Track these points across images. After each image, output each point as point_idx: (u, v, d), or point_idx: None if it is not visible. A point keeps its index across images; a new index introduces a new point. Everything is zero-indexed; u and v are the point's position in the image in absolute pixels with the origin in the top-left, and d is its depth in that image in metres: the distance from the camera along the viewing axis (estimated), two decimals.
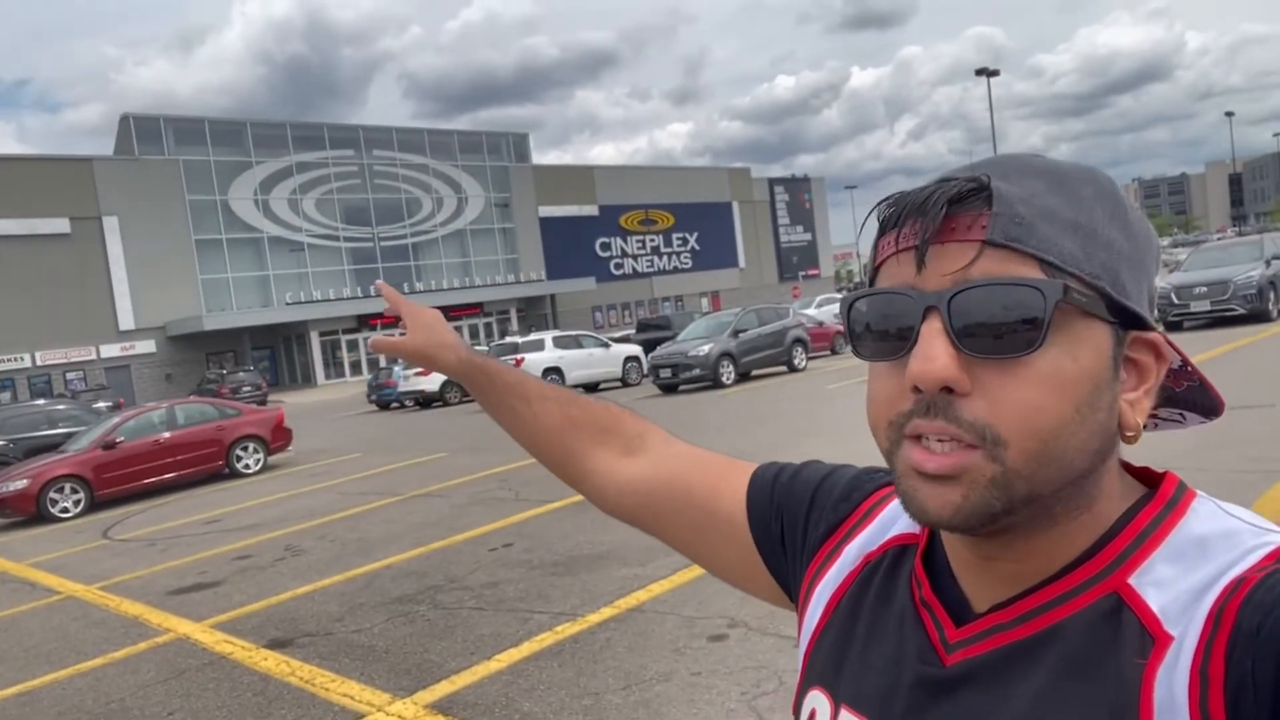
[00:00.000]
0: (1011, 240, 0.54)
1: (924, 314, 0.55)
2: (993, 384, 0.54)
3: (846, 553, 0.74)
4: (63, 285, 37.60)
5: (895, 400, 0.57)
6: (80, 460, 12.50)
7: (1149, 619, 0.53)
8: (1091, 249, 0.55)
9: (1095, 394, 0.55)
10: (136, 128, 41.46)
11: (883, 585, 0.69)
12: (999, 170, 0.57)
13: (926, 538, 0.68)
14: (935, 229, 0.55)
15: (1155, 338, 0.59)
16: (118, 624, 6.30)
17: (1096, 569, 0.57)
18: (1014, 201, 0.55)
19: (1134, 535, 0.57)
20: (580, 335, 22.55)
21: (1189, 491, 0.59)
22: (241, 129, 44.27)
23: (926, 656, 0.62)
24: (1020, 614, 0.58)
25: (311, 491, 11.33)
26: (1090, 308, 0.55)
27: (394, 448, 14.79)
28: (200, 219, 41.93)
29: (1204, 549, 0.54)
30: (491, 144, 52.31)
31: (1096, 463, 0.57)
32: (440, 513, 8.63)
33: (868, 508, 0.76)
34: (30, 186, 37.44)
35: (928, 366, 0.53)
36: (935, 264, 0.55)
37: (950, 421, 0.54)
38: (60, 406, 18.21)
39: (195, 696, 4.67)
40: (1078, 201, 0.56)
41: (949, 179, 0.56)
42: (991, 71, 39.20)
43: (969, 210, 0.55)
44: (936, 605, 0.63)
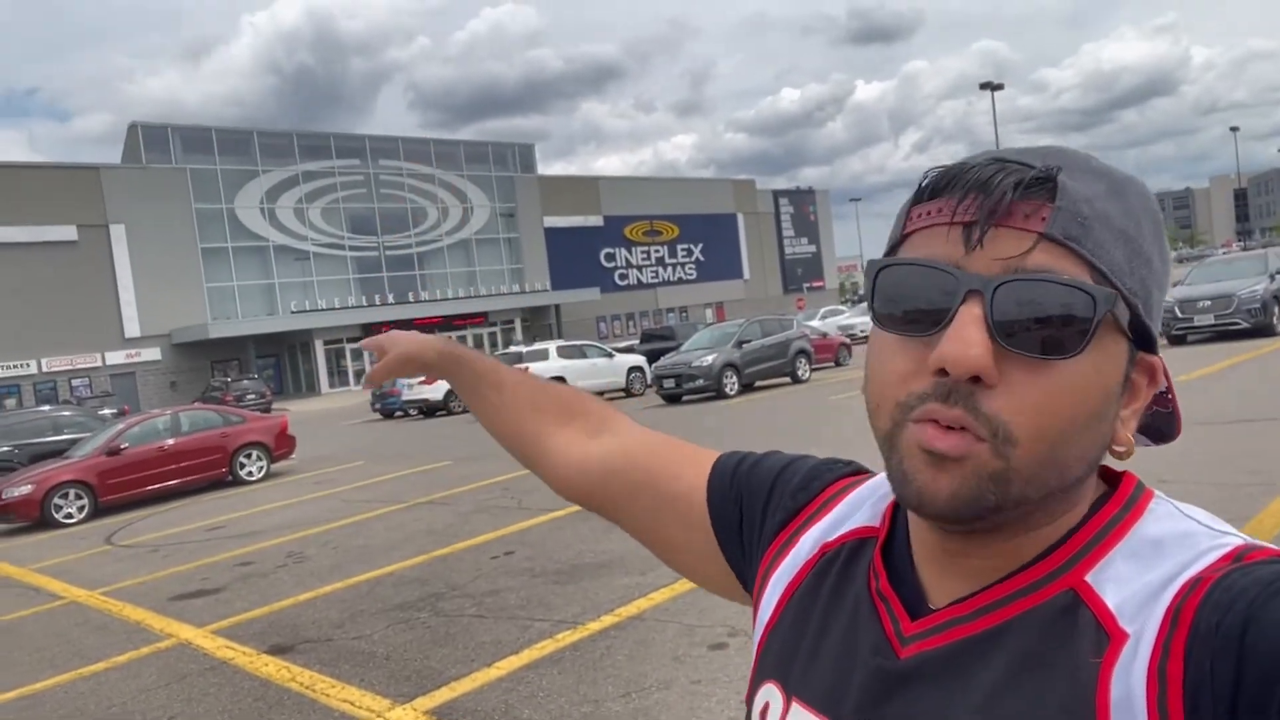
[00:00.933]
0: (1070, 239, 0.52)
1: (965, 296, 0.52)
2: (1018, 381, 0.52)
3: (802, 542, 0.72)
4: (69, 292, 37.78)
5: (909, 379, 0.54)
6: (85, 466, 12.54)
7: (1105, 616, 0.53)
8: (1135, 264, 0.55)
9: (1105, 407, 0.55)
10: (144, 136, 41.73)
11: (839, 577, 0.68)
12: (1063, 162, 0.54)
13: (887, 530, 0.67)
14: (1000, 210, 0.52)
15: (1155, 361, 0.59)
16: (120, 629, 6.32)
17: (1054, 565, 0.56)
18: (1078, 200, 0.53)
19: (1092, 533, 0.56)
20: (584, 345, 22.58)
21: (1147, 491, 0.59)
22: (248, 138, 44.52)
23: (881, 649, 0.61)
24: (977, 608, 0.57)
25: (314, 499, 11.35)
26: (1121, 321, 0.54)
27: (397, 456, 14.81)
28: (206, 227, 42.13)
29: (1160, 548, 0.54)
30: (497, 154, 52.52)
31: (1088, 473, 0.57)
32: (443, 521, 8.65)
33: (826, 497, 0.74)
34: (38, 194, 37.67)
35: (966, 352, 0.51)
36: (987, 247, 0.53)
37: (969, 411, 0.52)
38: (65, 413, 18.26)
39: (196, 701, 4.68)
40: (1130, 212, 0.55)
41: (1009, 160, 0.54)
42: (996, 85, 39.34)
43: (1032, 198, 0.53)
44: (893, 598, 0.62)
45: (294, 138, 45.89)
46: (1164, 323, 15.67)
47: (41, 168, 40.05)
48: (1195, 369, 12.00)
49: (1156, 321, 0.57)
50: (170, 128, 42.97)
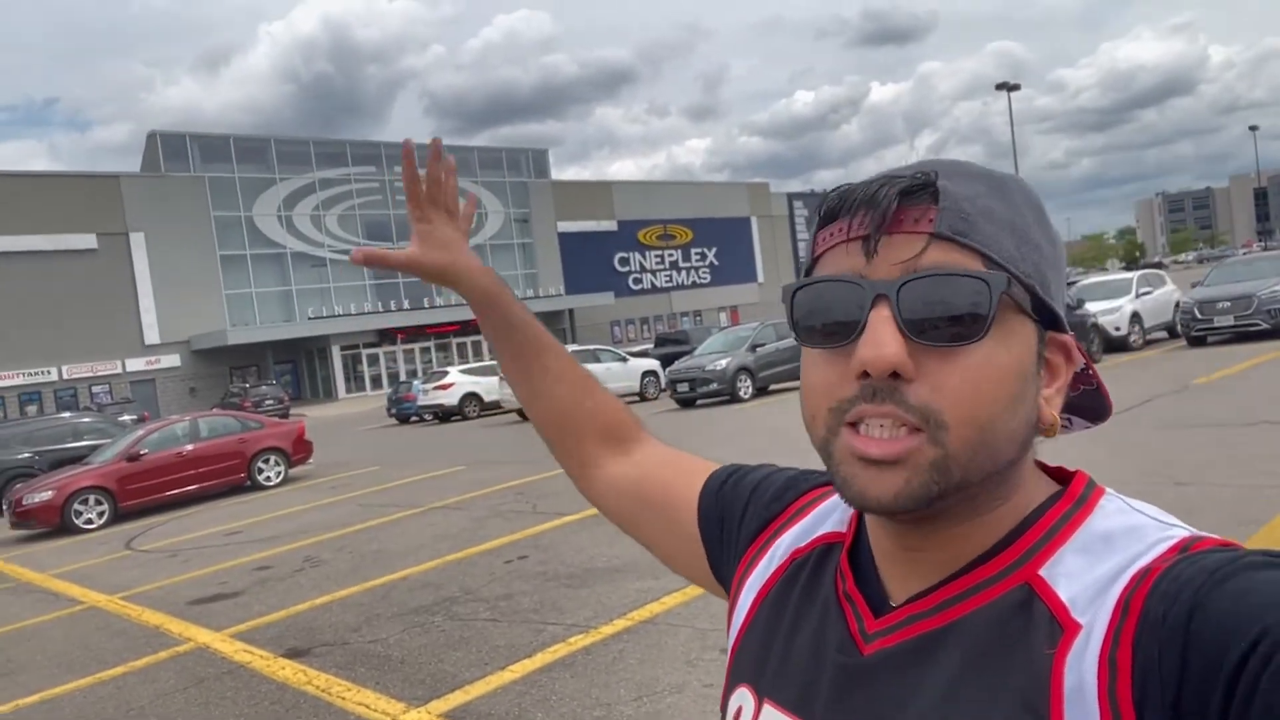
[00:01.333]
0: (958, 234, 0.57)
1: (873, 301, 0.56)
2: (935, 370, 0.56)
3: (774, 549, 0.75)
4: (89, 300, 38.19)
5: (836, 387, 0.58)
6: (104, 472, 12.67)
7: (1058, 608, 0.55)
8: (1025, 250, 0.58)
9: (1024, 386, 0.58)
10: (163, 145, 42.13)
11: (808, 581, 0.70)
12: (942, 170, 0.59)
13: (853, 535, 0.70)
14: (888, 219, 0.57)
15: (1067, 339, 0.62)
16: (139, 633, 6.38)
17: (1009, 560, 0.59)
18: (959, 199, 0.57)
19: (1045, 529, 0.59)
20: (598, 349, 22.62)
21: (1098, 489, 0.61)
22: (266, 146, 44.88)
23: (845, 648, 0.63)
24: (935, 604, 0.60)
25: (331, 504, 11.42)
26: (1023, 304, 0.58)
27: (413, 461, 14.88)
28: (225, 235, 42.49)
29: (1110, 542, 0.56)
30: (511, 160, 52.70)
31: (1021, 453, 0.60)
32: (458, 525, 8.68)
33: (799, 506, 0.77)
34: (59, 203, 38.11)
35: (880, 352, 0.55)
36: (884, 254, 0.57)
37: (898, 405, 0.55)
38: (86, 419, 18.45)
39: (214, 705, 4.73)
40: (1012, 205, 0.59)
41: (895, 175, 0.59)
42: (1012, 86, 39.13)
43: (916, 204, 0.57)
44: (858, 598, 0.65)
45: (311, 145, 46.23)
46: (1183, 324, 15.80)
47: (62, 177, 40.51)
48: (1215, 370, 11.89)
49: (1059, 302, 0.61)
50: (189, 136, 43.37)
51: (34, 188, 38.24)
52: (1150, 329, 17.19)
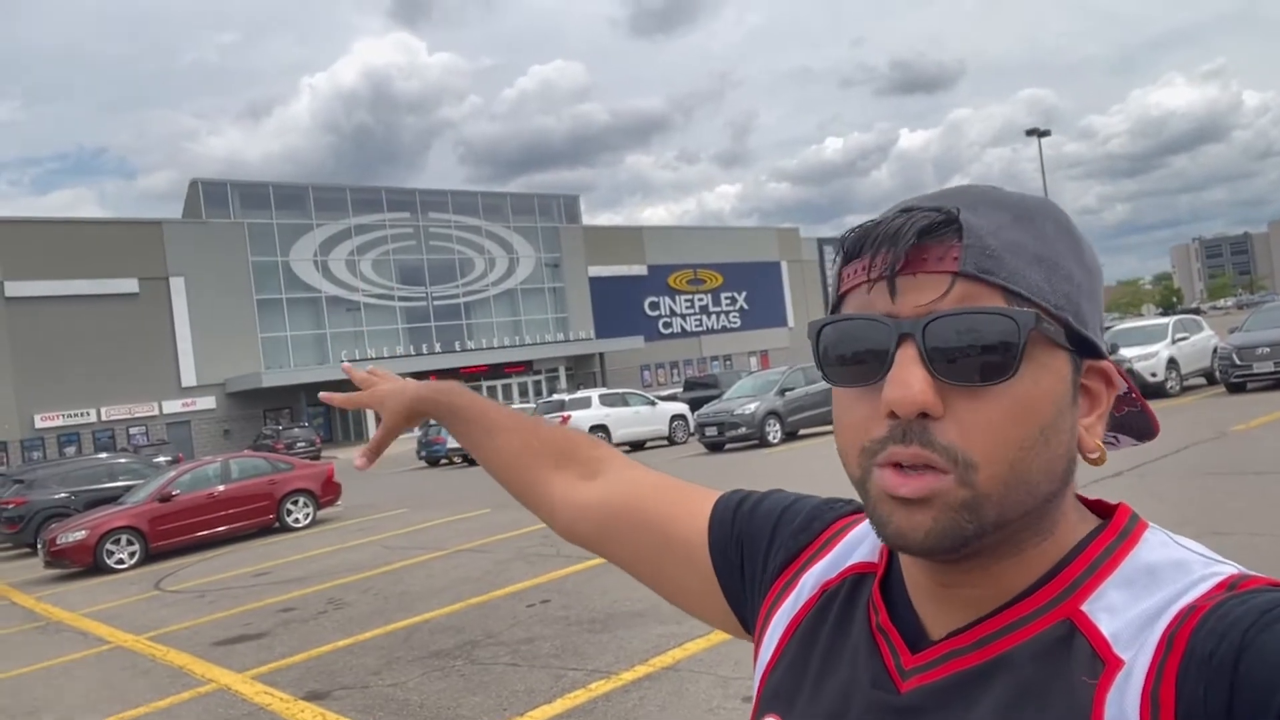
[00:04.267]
0: (983, 272, 0.56)
1: (899, 341, 0.56)
2: (963, 409, 0.55)
3: (804, 581, 0.74)
4: (129, 343, 38.99)
5: (867, 427, 0.58)
6: (137, 512, 12.81)
7: (1100, 644, 0.54)
8: (1055, 281, 0.57)
9: (1058, 418, 0.57)
10: (205, 192, 43.27)
11: (840, 613, 0.69)
12: (965, 201, 0.58)
13: (885, 566, 0.68)
14: (904, 259, 0.56)
15: (1106, 366, 0.61)
16: (163, 673, 6.40)
17: (1050, 595, 0.57)
18: (983, 234, 0.56)
19: (1087, 563, 0.58)
20: (627, 393, 22.61)
21: (1141, 522, 0.60)
22: (304, 193, 45.91)
23: (881, 683, 0.62)
24: (975, 640, 0.58)
25: (357, 545, 11.44)
26: (1054, 337, 0.56)
27: (440, 503, 14.89)
28: (262, 279, 43.33)
29: (1155, 577, 0.55)
30: (543, 206, 53.42)
31: (1060, 487, 0.58)
32: (482, 568, 8.65)
33: (827, 537, 0.76)
34: (103, 248, 39.15)
35: (905, 393, 0.54)
36: (909, 294, 0.56)
37: (925, 446, 0.55)
38: (121, 460, 18.73)
39: None
40: (1041, 236, 0.58)
41: (914, 209, 0.58)
42: (1042, 132, 39.08)
43: (940, 241, 0.56)
44: (893, 632, 0.64)
45: (347, 192, 47.23)
46: (1222, 370, 15.49)
47: (106, 223, 41.69)
48: (1255, 417, 11.63)
49: (1095, 330, 0.60)
50: (230, 184, 44.51)
51: (79, 233, 39.36)
52: (1188, 375, 16.87)
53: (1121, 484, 7.81)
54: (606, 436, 20.25)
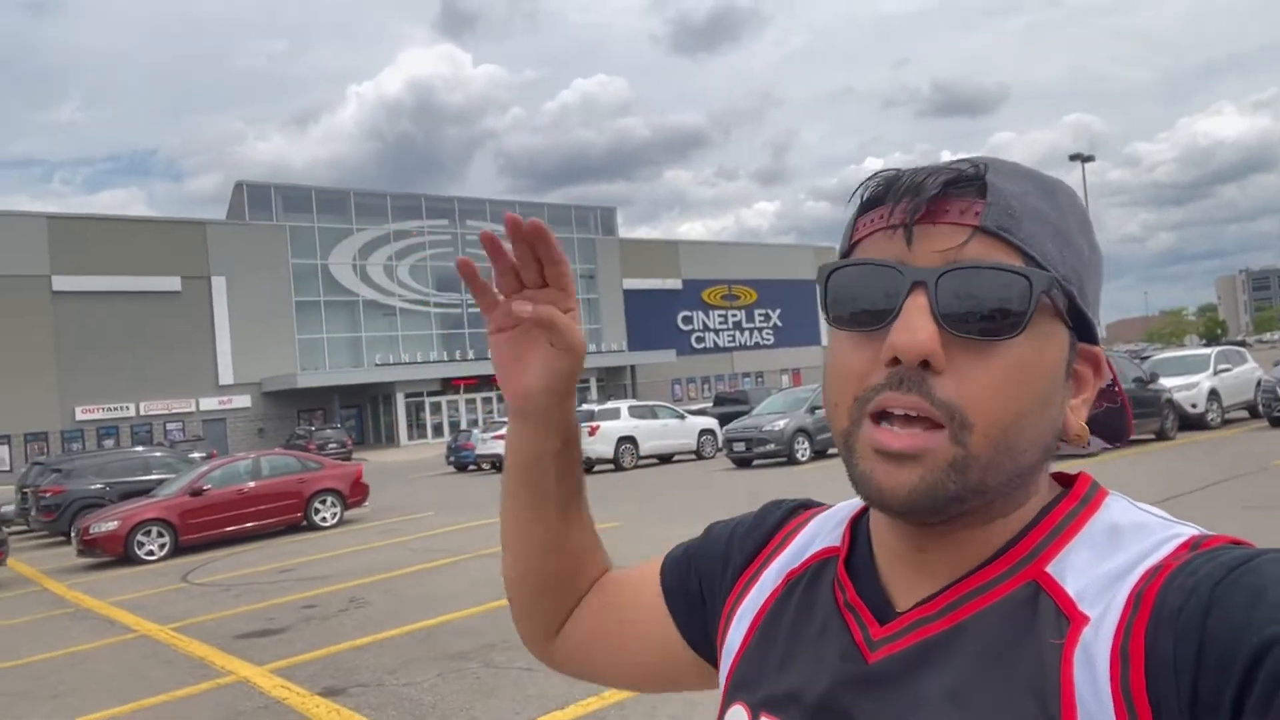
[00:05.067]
0: (1003, 230, 0.56)
1: (910, 289, 0.55)
2: (965, 365, 0.55)
3: (766, 576, 0.73)
4: (170, 340, 39.71)
5: (865, 374, 0.57)
6: (168, 505, 13.00)
7: (1065, 602, 0.54)
8: (1066, 254, 0.58)
9: (1053, 390, 0.57)
10: (249, 194, 44.04)
11: (804, 597, 0.69)
12: (992, 165, 0.58)
13: (848, 546, 0.69)
14: (925, 209, 0.56)
15: (1097, 351, 0.62)
16: (184, 664, 6.46)
17: (1015, 559, 0.58)
18: (1008, 195, 0.57)
19: (1051, 527, 0.59)
20: (656, 406, 22.57)
21: (1102, 489, 0.61)
22: (345, 198, 46.56)
23: (850, 655, 0.62)
24: (942, 607, 0.59)
25: (382, 547, 11.51)
26: (1060, 307, 0.57)
27: (466, 508, 14.95)
28: (301, 282, 43.95)
29: (1117, 538, 0.56)
30: (580, 217, 53.69)
31: (1042, 459, 0.59)
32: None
33: (786, 533, 0.76)
34: (148, 247, 39.96)
35: (912, 338, 0.54)
36: (926, 242, 0.56)
37: (924, 397, 0.54)
38: (156, 454, 19.03)
39: None
40: (1058, 207, 0.59)
41: (944, 166, 0.58)
42: (1086, 157, 38.59)
43: (964, 196, 0.56)
44: (861, 607, 0.64)
45: (388, 198, 47.82)
46: (1265, 403, 15.14)
47: (153, 222, 42.55)
48: None
49: (1094, 312, 0.60)
50: (273, 187, 45.27)
51: (126, 231, 40.22)
52: (1230, 407, 16.51)
53: None
54: (634, 448, 20.24)
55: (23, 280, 36.96)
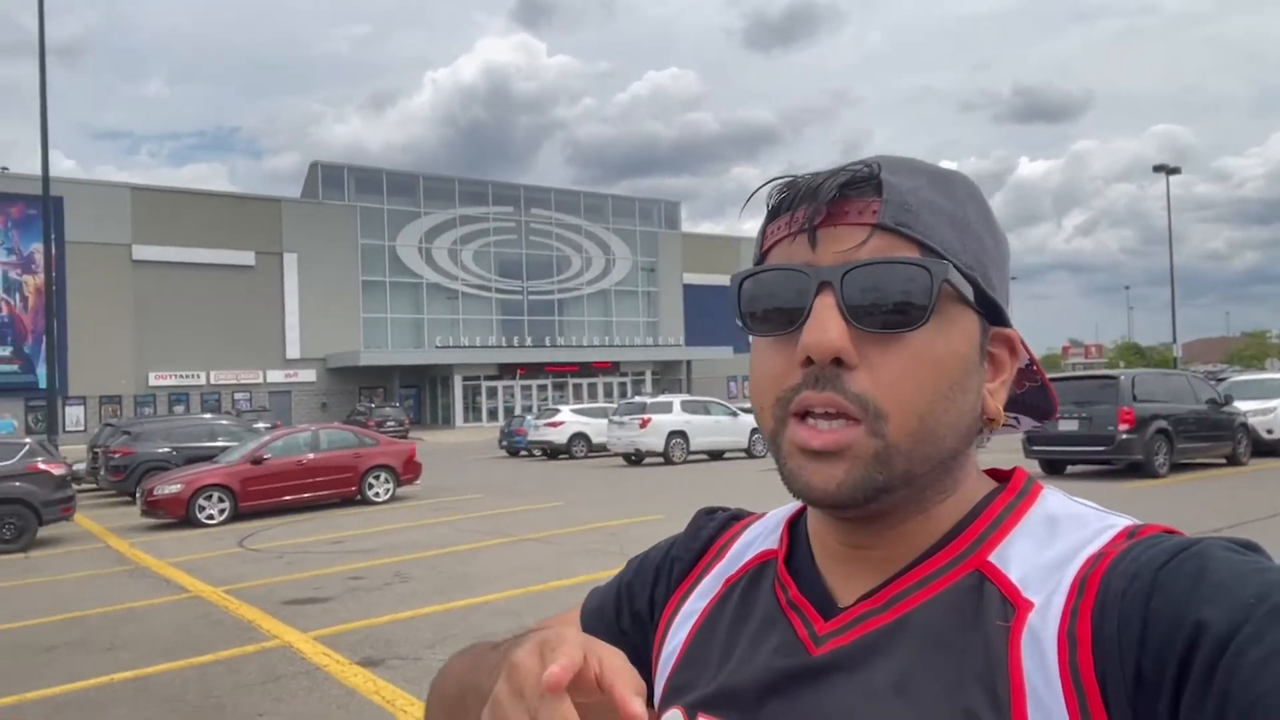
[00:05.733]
0: (900, 225, 0.58)
1: (817, 289, 0.57)
2: (876, 359, 0.56)
3: (704, 584, 0.73)
4: (241, 312, 40.92)
5: (783, 376, 0.59)
6: (230, 472, 13.39)
7: (1008, 589, 0.56)
8: (966, 242, 0.60)
9: (965, 376, 0.59)
10: (323, 175, 45.08)
11: (743, 599, 0.69)
12: (885, 164, 0.60)
13: (786, 547, 0.69)
14: (825, 212, 0.58)
15: (1011, 334, 0.63)
16: (233, 626, 6.65)
17: (957, 550, 0.59)
18: (902, 191, 0.59)
19: (991, 518, 0.60)
20: (709, 402, 22.47)
21: (1037, 483, 0.63)
22: (415, 181, 47.35)
23: (794, 650, 0.62)
24: (886, 599, 0.59)
25: (430, 525, 11.70)
26: (965, 295, 0.58)
27: (514, 492, 15.11)
28: (369, 261, 44.86)
29: (1055, 528, 0.58)
30: (644, 210, 53.74)
31: (964, 444, 0.61)
32: (545, 558, 8.72)
33: (723, 542, 0.75)
34: (225, 221, 41.23)
35: (821, 337, 0.56)
36: (829, 244, 0.58)
37: (838, 393, 0.56)
38: (222, 421, 19.60)
39: (285, 701, 4.86)
40: (955, 199, 0.61)
41: (839, 169, 0.60)
42: (1172, 169, 37.27)
43: (861, 196, 0.58)
44: (804, 604, 0.64)
45: (456, 183, 48.48)
46: None
47: (231, 197, 43.82)
48: None
49: (1002, 296, 0.62)
50: (347, 168, 46.25)
51: (205, 205, 41.52)
52: None
53: None
54: (684, 442, 20.21)
55: (106, 248, 38.42)
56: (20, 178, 36.99)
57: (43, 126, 19.67)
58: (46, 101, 19.61)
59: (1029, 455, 14.07)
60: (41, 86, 19.64)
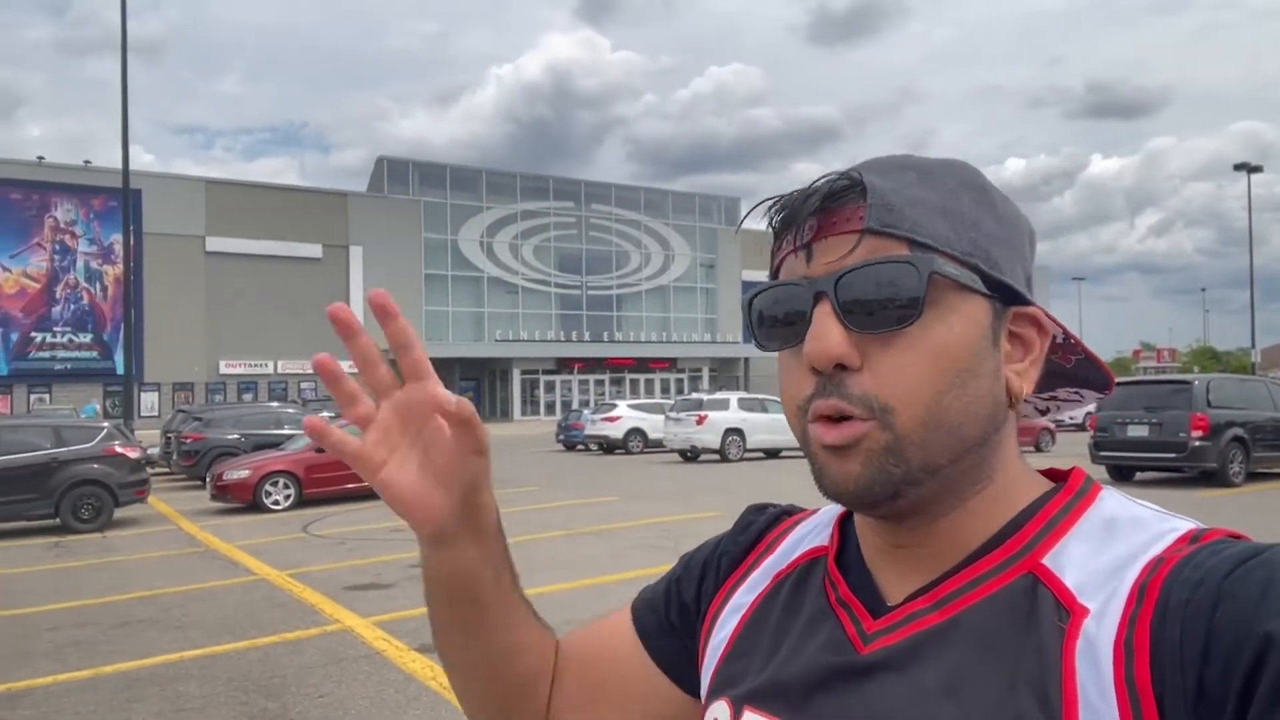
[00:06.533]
0: (885, 226, 0.58)
1: (815, 300, 0.59)
2: (877, 357, 0.57)
3: (753, 578, 0.74)
4: (308, 304, 41.90)
5: (800, 385, 0.60)
6: (295, 459, 13.75)
7: (1064, 594, 0.55)
8: (960, 229, 0.59)
9: (975, 361, 0.58)
10: (389, 169, 45.96)
11: (792, 595, 0.69)
12: (872, 168, 0.61)
13: (837, 544, 0.69)
14: (817, 225, 0.60)
15: (1034, 311, 0.62)
16: (296, 609, 6.84)
17: (1010, 551, 0.59)
18: (886, 192, 0.59)
19: (1046, 519, 0.59)
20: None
21: (1096, 484, 0.62)
22: (477, 176, 47.97)
23: (842, 648, 0.62)
24: (936, 600, 0.59)
25: None
26: (964, 281, 0.58)
27: (571, 486, 15.22)
28: (431, 255, 45.61)
29: (1113, 531, 0.57)
30: (703, 206, 53.61)
31: (989, 431, 0.60)
32: (600, 552, 8.78)
33: (773, 537, 0.76)
34: (294, 214, 42.31)
35: (819, 345, 0.58)
36: (822, 255, 0.60)
37: (842, 398, 0.57)
38: (289, 409, 20.12)
39: (346, 684, 4.98)
40: (944, 190, 0.61)
41: (825, 179, 0.61)
42: (1254, 167, 35.88)
43: (848, 205, 0.59)
44: (854, 602, 0.64)
45: (518, 179, 48.99)
46: None
47: (300, 191, 44.95)
48: None
49: (1016, 276, 0.61)
50: (412, 163, 47.07)
51: (275, 198, 42.67)
52: None
53: None
54: (741, 440, 20.13)
55: (180, 240, 39.74)
56: (102, 171, 38.46)
57: (123, 121, 20.42)
58: (128, 97, 20.34)
59: (1096, 461, 13.71)
60: (123, 83, 20.37)
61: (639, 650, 0.78)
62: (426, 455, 0.65)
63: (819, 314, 0.58)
